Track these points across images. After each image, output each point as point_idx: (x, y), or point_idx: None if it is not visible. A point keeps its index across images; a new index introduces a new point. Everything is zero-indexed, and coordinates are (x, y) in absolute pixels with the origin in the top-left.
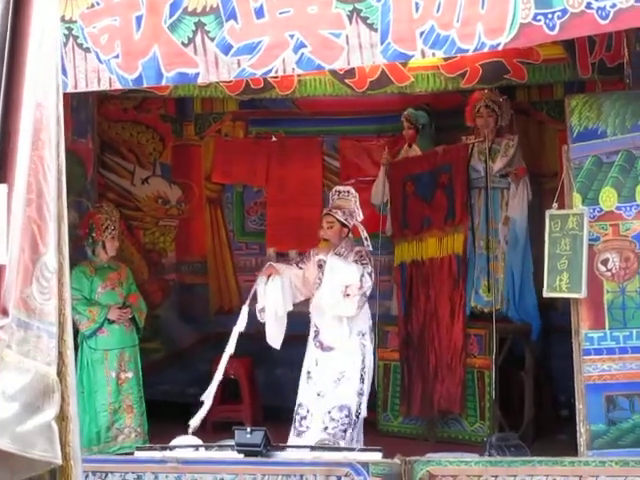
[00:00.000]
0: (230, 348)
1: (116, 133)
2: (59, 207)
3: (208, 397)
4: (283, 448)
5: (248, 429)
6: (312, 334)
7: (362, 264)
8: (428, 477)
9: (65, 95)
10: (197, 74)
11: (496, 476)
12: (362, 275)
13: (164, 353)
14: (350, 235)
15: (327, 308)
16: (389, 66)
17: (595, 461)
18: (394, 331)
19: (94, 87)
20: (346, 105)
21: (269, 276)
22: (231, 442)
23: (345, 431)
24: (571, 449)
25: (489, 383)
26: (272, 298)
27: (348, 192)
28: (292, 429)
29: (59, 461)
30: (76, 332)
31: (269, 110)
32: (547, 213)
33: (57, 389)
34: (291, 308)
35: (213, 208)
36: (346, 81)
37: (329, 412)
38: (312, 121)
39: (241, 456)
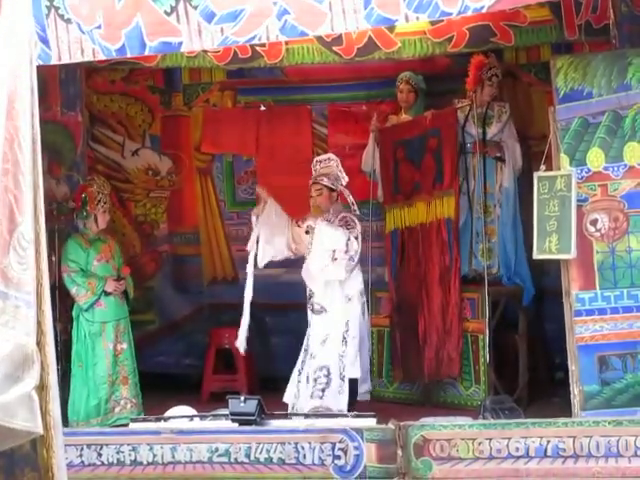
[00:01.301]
0: None
1: (105, 105)
2: (34, 177)
3: None
4: (277, 416)
5: (242, 398)
6: (308, 297)
7: (347, 228)
8: (423, 441)
9: (53, 68)
10: (180, 43)
11: (490, 439)
12: (348, 239)
13: (158, 325)
14: (339, 201)
15: (316, 273)
16: (376, 32)
17: (589, 421)
18: (386, 297)
19: (78, 58)
20: (334, 72)
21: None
22: (225, 411)
23: (323, 391)
24: (566, 411)
25: (483, 347)
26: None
27: (328, 159)
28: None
29: (40, 430)
30: (70, 305)
31: (257, 79)
32: (535, 175)
33: (36, 359)
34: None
35: (203, 178)
36: (333, 48)
37: (314, 372)
38: (301, 89)
39: (235, 425)
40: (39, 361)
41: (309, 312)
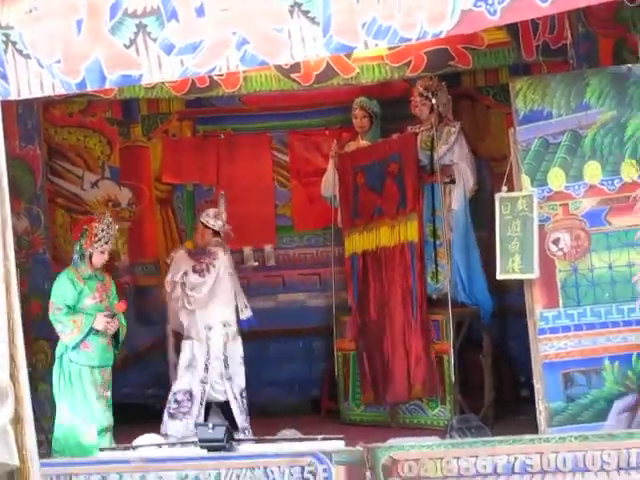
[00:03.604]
0: None
1: (63, 138)
2: (2, 213)
3: None
4: (245, 441)
5: (210, 425)
6: None
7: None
8: (391, 462)
9: (10, 103)
10: (141, 75)
11: (458, 458)
12: (185, 272)
13: (122, 356)
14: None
15: None
16: (334, 58)
17: (555, 437)
18: (350, 321)
19: (38, 93)
20: (293, 99)
21: None
22: (194, 438)
23: (184, 414)
24: (532, 428)
25: (448, 367)
26: None
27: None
28: None
29: (16, 463)
30: (54, 343)
31: (216, 108)
32: (497, 196)
33: (10, 393)
34: None
35: (164, 209)
36: (292, 76)
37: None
38: (260, 117)
39: (205, 452)
40: (13, 394)
41: None
